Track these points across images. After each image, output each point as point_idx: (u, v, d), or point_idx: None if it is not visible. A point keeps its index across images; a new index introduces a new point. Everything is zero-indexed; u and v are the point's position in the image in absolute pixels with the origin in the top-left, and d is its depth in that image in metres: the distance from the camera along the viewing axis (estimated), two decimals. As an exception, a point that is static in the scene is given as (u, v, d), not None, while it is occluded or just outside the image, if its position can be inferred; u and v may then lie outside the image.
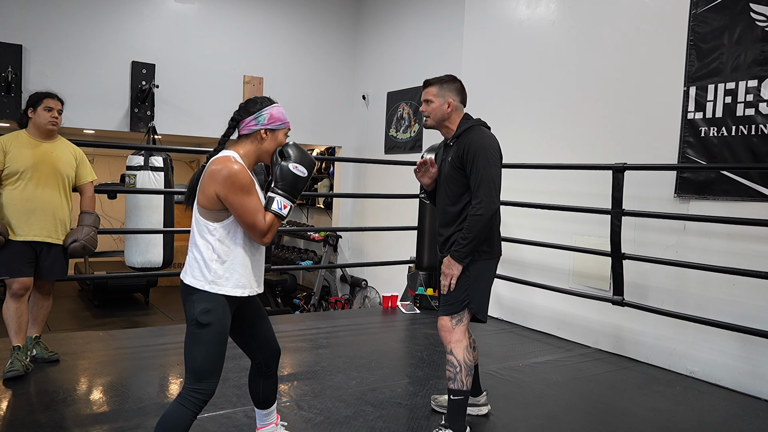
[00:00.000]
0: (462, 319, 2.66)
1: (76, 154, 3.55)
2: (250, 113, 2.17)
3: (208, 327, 2.07)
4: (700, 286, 3.82)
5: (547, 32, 5.03)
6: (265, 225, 2.10)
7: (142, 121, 6.38)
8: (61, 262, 3.48)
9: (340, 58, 7.81)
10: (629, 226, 4.07)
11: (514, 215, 5.12)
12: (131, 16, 6.43)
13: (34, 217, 3.32)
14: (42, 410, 2.86)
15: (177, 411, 2.06)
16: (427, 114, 2.76)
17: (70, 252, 3.45)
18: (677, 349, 3.95)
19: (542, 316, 4.93)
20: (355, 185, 7.95)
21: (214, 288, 2.09)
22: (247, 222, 2.08)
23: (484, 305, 2.70)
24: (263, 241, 2.13)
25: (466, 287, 2.63)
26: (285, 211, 2.14)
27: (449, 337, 2.66)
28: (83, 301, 8.53)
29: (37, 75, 5.88)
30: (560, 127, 4.89)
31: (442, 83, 2.75)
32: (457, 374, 2.60)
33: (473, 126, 2.71)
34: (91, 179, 3.62)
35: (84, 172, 3.57)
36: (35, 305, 3.54)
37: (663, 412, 3.24)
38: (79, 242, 3.43)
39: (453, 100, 2.74)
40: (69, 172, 3.47)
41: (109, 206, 10.00)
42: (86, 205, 3.59)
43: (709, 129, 3.79)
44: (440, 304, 2.74)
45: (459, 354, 2.62)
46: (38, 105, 3.38)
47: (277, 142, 2.20)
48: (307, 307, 7.84)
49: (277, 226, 2.15)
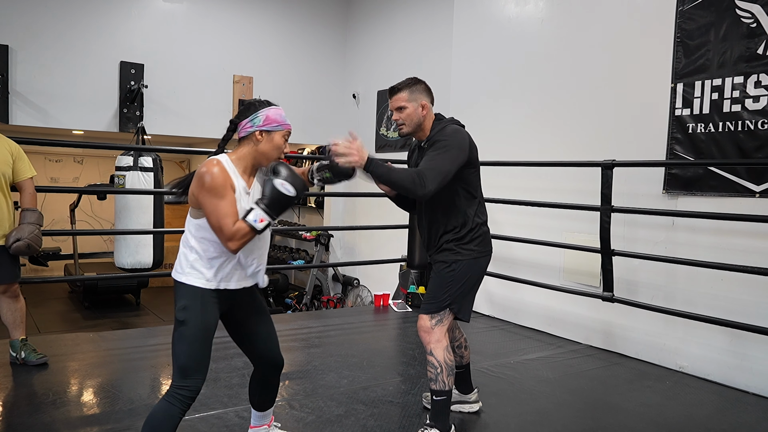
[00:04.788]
0: (442, 319, 2.61)
1: (12, 150, 3.39)
2: (247, 115, 2.16)
3: (186, 324, 2.08)
4: (689, 281, 3.85)
5: (536, 30, 5.04)
6: (231, 230, 2.03)
7: (132, 121, 6.34)
8: (8, 264, 3.35)
9: (329, 56, 7.80)
10: (619, 222, 4.10)
11: (504, 212, 5.13)
12: (119, 16, 6.39)
13: None
14: (31, 413, 2.84)
15: (164, 409, 2.06)
16: (402, 121, 2.64)
17: (13, 251, 3.29)
18: (667, 345, 3.98)
19: (533, 313, 4.95)
20: (347, 184, 7.88)
21: (189, 279, 2.11)
22: (213, 224, 2.05)
23: (466, 305, 2.66)
24: (229, 246, 2.06)
25: (448, 287, 2.60)
26: (260, 225, 2.05)
27: (428, 338, 2.62)
28: (73, 303, 8.47)
29: (24, 76, 5.84)
30: (549, 125, 4.91)
31: (411, 86, 2.64)
32: (438, 375, 2.58)
33: (446, 126, 2.62)
34: (31, 175, 3.45)
35: (22, 167, 3.42)
36: (6, 309, 3.44)
37: (653, 407, 3.26)
38: (23, 241, 3.27)
39: (425, 101, 2.65)
40: (5, 169, 3.33)
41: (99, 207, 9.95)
42: (27, 202, 3.42)
43: (696, 125, 3.81)
44: (423, 301, 2.73)
45: (439, 355, 2.59)
46: None
47: (273, 144, 2.17)
48: (299, 306, 7.83)
49: (247, 236, 2.06)
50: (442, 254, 2.65)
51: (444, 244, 2.65)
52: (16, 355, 3.48)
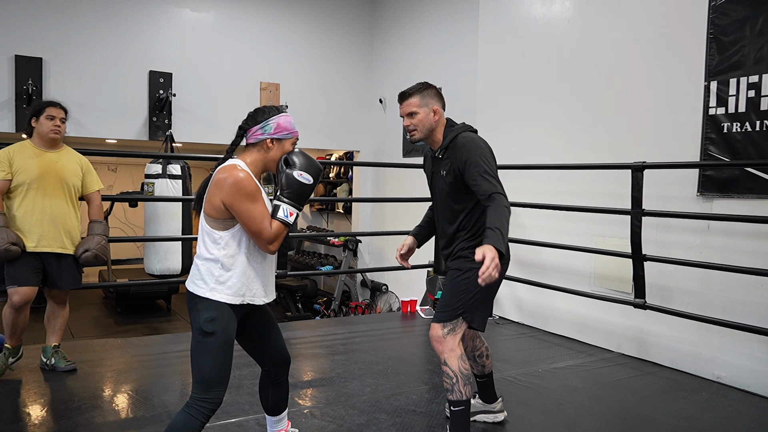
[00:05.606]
0: (455, 328, 2.54)
1: (81, 163, 3.53)
2: (257, 122, 2.15)
3: (213, 335, 2.05)
4: (726, 287, 3.69)
5: (563, 30, 4.94)
6: (271, 233, 2.07)
7: (161, 129, 6.44)
8: (73, 272, 3.49)
9: (356, 62, 7.80)
10: (651, 226, 3.96)
11: (532, 217, 5.03)
12: (148, 27, 6.51)
13: (42, 227, 3.32)
14: (56, 418, 2.88)
15: (184, 421, 2.04)
16: (414, 127, 2.56)
17: (82, 262, 3.45)
18: (703, 354, 3.82)
19: (563, 319, 4.82)
20: (374, 189, 7.92)
21: (215, 295, 2.08)
22: (254, 230, 2.05)
23: (481, 314, 2.57)
24: (269, 248, 2.10)
25: (461, 295, 2.53)
26: (291, 219, 2.11)
27: (440, 348, 2.55)
28: (107, 309, 8.64)
29: (57, 87, 5.98)
30: (578, 127, 4.79)
31: (422, 91, 2.57)
32: (455, 385, 2.51)
33: (460, 133, 2.54)
34: (98, 188, 3.60)
35: (90, 181, 3.56)
36: (52, 315, 3.56)
37: (688, 419, 3.13)
38: (91, 251, 3.43)
39: (437, 106, 2.58)
40: (75, 181, 3.46)
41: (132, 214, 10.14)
42: (94, 214, 3.57)
43: (731, 124, 3.66)
44: (435, 310, 2.66)
45: (453, 364, 2.51)
46: (41, 114, 3.36)
47: (283, 152, 2.17)
48: (327, 312, 7.83)
49: (284, 234, 2.12)
50: (457, 261, 2.60)
51: (458, 252, 2.59)
52: (46, 361, 3.55)
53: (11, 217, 3.31)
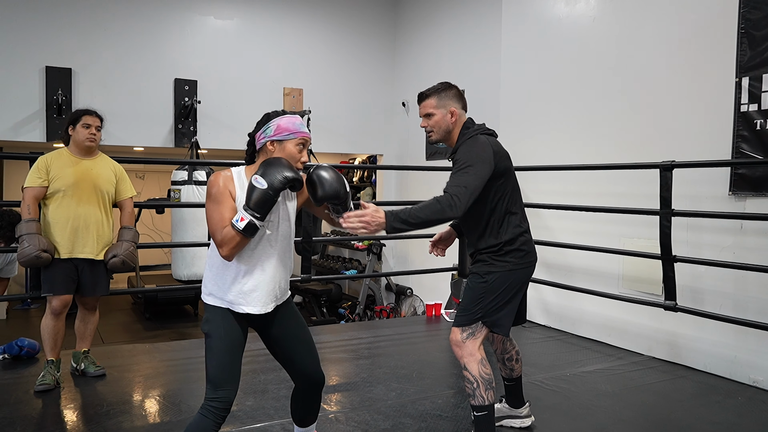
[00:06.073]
0: (474, 332, 2.49)
1: (115, 171, 3.59)
2: (260, 127, 2.16)
3: (210, 336, 2.11)
4: (762, 289, 3.58)
5: (588, 29, 4.86)
6: (220, 237, 2.02)
7: (186, 136, 6.52)
8: (104, 278, 3.54)
9: (378, 65, 7.80)
10: (682, 226, 3.87)
11: (559, 219, 4.96)
12: (173, 35, 6.60)
13: (76, 234, 3.38)
14: (86, 423, 2.92)
15: (199, 422, 2.06)
16: (430, 128, 2.55)
17: (109, 267, 3.50)
18: (738, 357, 3.71)
19: (591, 322, 4.74)
20: (398, 193, 7.90)
21: (207, 299, 2.16)
22: (210, 232, 2.09)
23: (504, 318, 2.51)
24: (221, 252, 2.04)
25: (480, 299, 2.49)
26: (240, 224, 1.99)
27: (460, 352, 2.51)
28: (136, 314, 8.76)
29: (86, 96, 6.09)
30: (604, 126, 4.71)
31: (440, 92, 2.54)
32: (476, 389, 2.47)
33: (470, 137, 2.49)
34: (131, 195, 3.65)
35: (123, 188, 3.61)
36: (82, 321, 3.61)
37: (723, 424, 3.03)
38: (119, 258, 3.47)
39: (455, 108, 2.54)
40: (109, 188, 3.51)
41: (159, 220, 10.29)
42: (126, 220, 3.63)
43: (765, 121, 3.56)
44: (456, 314, 2.62)
45: (473, 369, 2.48)
46: (77, 122, 3.43)
47: (285, 153, 2.12)
48: (352, 316, 7.82)
49: (235, 240, 2.01)
50: (477, 266, 2.57)
51: (479, 256, 2.56)
52: (76, 366, 3.61)
53: (46, 223, 3.38)
